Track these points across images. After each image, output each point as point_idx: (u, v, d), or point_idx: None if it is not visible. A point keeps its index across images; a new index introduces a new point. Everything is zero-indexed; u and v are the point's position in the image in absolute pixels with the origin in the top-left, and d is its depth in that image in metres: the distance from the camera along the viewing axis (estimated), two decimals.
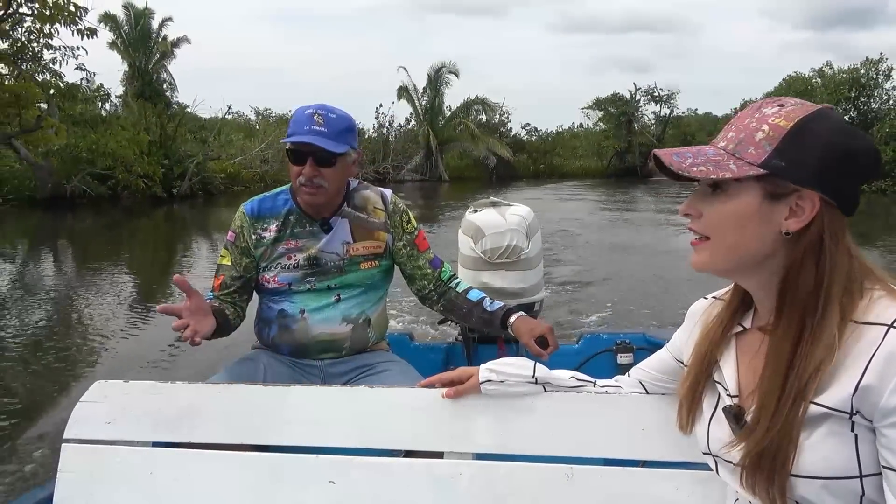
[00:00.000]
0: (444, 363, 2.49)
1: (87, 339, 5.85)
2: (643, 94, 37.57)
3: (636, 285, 7.64)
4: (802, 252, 0.83)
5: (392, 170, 31.22)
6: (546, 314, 5.71)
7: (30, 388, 4.55)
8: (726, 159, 0.84)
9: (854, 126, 0.86)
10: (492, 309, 1.84)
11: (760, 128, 0.84)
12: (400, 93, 32.44)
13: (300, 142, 1.69)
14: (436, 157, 31.74)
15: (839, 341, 0.79)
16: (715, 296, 1.04)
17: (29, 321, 6.49)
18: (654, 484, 1.19)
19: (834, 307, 0.80)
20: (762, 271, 0.87)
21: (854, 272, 0.82)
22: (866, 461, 0.78)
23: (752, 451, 0.84)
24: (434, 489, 1.24)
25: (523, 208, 2.57)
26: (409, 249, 1.90)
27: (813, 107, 0.85)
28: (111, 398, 1.34)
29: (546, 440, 1.23)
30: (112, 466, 1.30)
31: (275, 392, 1.34)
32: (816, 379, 0.79)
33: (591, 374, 1.29)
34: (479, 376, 1.24)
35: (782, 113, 0.84)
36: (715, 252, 0.88)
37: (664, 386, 1.18)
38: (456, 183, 30.06)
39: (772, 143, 0.82)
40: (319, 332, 1.80)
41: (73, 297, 7.61)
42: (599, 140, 38.03)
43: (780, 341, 0.84)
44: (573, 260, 9.50)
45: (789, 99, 0.87)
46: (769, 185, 0.83)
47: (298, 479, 1.27)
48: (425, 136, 31.79)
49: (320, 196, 1.75)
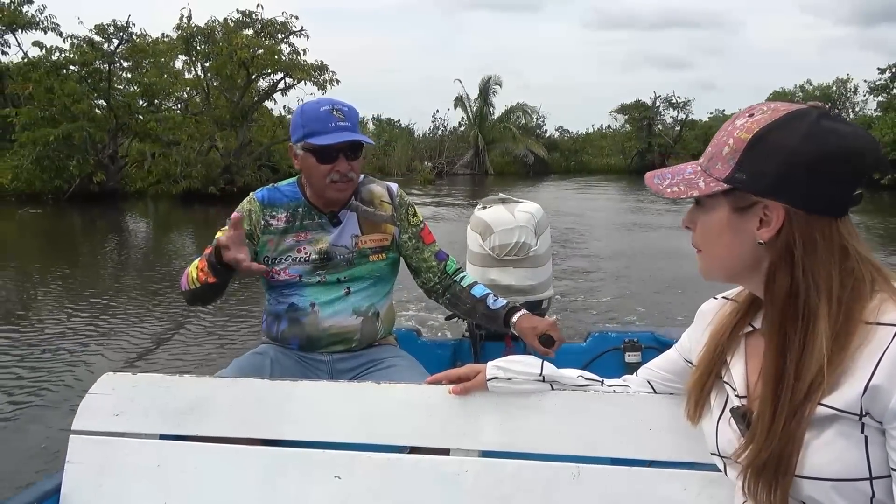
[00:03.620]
0: (451, 359, 2.49)
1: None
2: (662, 101, 42.44)
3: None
4: (775, 259, 0.83)
5: (446, 164, 37.68)
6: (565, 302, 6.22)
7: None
8: (698, 177, 0.88)
9: (844, 123, 0.82)
10: (495, 307, 1.84)
11: (727, 142, 0.85)
12: (456, 102, 39.64)
13: (344, 141, 1.70)
14: (483, 154, 37.89)
15: (848, 342, 0.78)
16: (725, 296, 1.04)
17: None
18: (662, 484, 1.18)
19: (822, 311, 0.80)
20: (756, 277, 0.88)
21: (854, 269, 0.81)
22: (876, 463, 0.77)
23: (754, 460, 0.84)
24: (439, 486, 1.23)
25: (532, 205, 2.56)
26: (415, 242, 1.91)
27: (786, 109, 0.83)
28: (119, 391, 1.35)
29: (553, 439, 1.22)
30: (120, 458, 1.31)
31: (282, 387, 1.34)
32: (822, 381, 0.78)
33: (599, 373, 1.29)
34: (486, 373, 1.23)
35: (747, 124, 0.84)
36: (706, 262, 0.93)
37: (673, 386, 1.17)
38: (499, 176, 35.49)
39: (734, 157, 0.84)
40: (330, 324, 1.81)
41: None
42: (623, 141, 42.44)
43: (768, 348, 0.86)
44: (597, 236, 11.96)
45: (763, 105, 0.86)
46: (735, 198, 0.85)
47: (304, 474, 1.27)
48: (474, 137, 38.34)
49: (349, 190, 1.79)
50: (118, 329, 5.78)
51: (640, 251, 10.30)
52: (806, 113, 0.82)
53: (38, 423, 3.69)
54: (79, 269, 9.39)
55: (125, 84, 19.18)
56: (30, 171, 16.86)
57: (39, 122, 16.44)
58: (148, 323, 5.97)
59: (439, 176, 35.39)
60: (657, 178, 0.93)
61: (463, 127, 41.07)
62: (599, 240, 11.61)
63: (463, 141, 40.09)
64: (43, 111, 16.59)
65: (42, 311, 6.83)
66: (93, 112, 17.39)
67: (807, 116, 0.81)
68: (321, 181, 1.75)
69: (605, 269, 8.66)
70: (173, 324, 5.83)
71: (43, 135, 16.17)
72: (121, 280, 8.72)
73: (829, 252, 0.81)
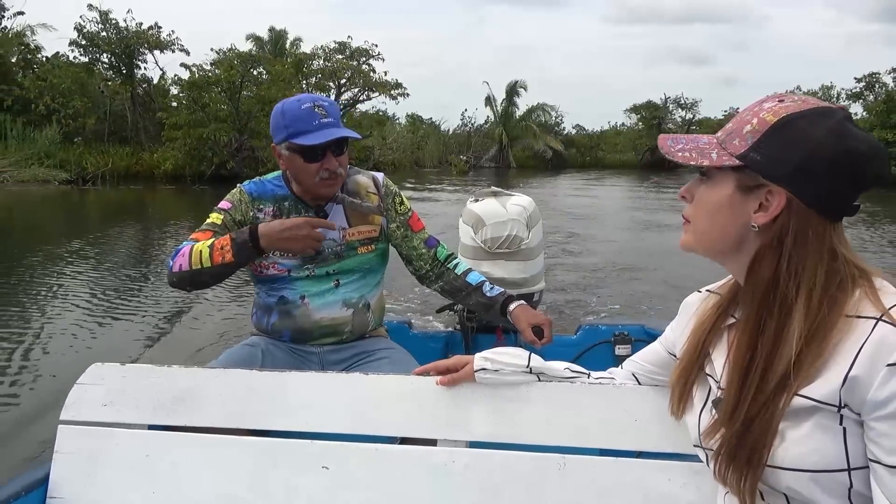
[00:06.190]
0: (443, 351, 2.49)
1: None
2: (672, 102, 45.26)
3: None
4: (763, 246, 0.84)
5: (473, 158, 41.32)
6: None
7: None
8: (712, 148, 0.87)
9: (864, 131, 0.83)
10: (491, 294, 1.86)
11: (751, 121, 0.85)
12: (486, 101, 44.28)
13: (332, 139, 1.68)
14: (506, 150, 41.79)
15: (828, 335, 0.79)
16: (709, 289, 1.04)
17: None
18: (647, 474, 1.19)
19: (800, 303, 0.80)
20: (738, 259, 0.88)
21: (840, 270, 0.82)
22: (854, 454, 0.78)
23: (723, 444, 0.85)
24: (428, 476, 1.24)
25: (525, 199, 2.56)
26: (404, 231, 1.91)
27: (815, 104, 0.83)
28: (108, 381, 1.34)
29: (540, 429, 1.23)
30: (108, 448, 1.31)
31: (271, 378, 1.34)
32: (796, 373, 0.79)
33: (589, 366, 1.30)
34: (473, 365, 1.24)
35: (775, 108, 0.84)
36: (692, 235, 0.92)
37: (657, 378, 1.18)
38: (520, 170, 39.33)
39: (754, 137, 0.83)
40: (321, 316, 1.81)
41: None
42: (635, 138, 44.74)
43: (741, 334, 0.87)
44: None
45: (795, 95, 0.86)
46: (743, 177, 0.85)
47: (294, 465, 1.27)
48: (499, 134, 42.34)
49: (338, 184, 1.77)
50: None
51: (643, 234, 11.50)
52: (834, 112, 0.83)
53: (26, 411, 3.67)
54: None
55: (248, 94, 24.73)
56: (182, 159, 22.53)
57: (190, 123, 22.05)
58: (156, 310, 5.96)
59: (468, 168, 38.96)
60: (671, 141, 0.92)
61: (488, 124, 45.04)
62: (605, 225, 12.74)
63: (488, 137, 43.77)
64: (191, 114, 22.31)
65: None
66: (229, 116, 22.84)
67: (835, 115, 0.82)
68: (310, 180, 1.73)
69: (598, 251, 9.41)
70: (169, 314, 5.82)
71: (197, 133, 21.79)
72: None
73: (818, 250, 0.81)
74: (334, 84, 28.44)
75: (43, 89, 22.61)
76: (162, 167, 22.69)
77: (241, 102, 22.74)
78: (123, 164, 23.29)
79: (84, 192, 19.40)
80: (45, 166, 20.91)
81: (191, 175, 22.41)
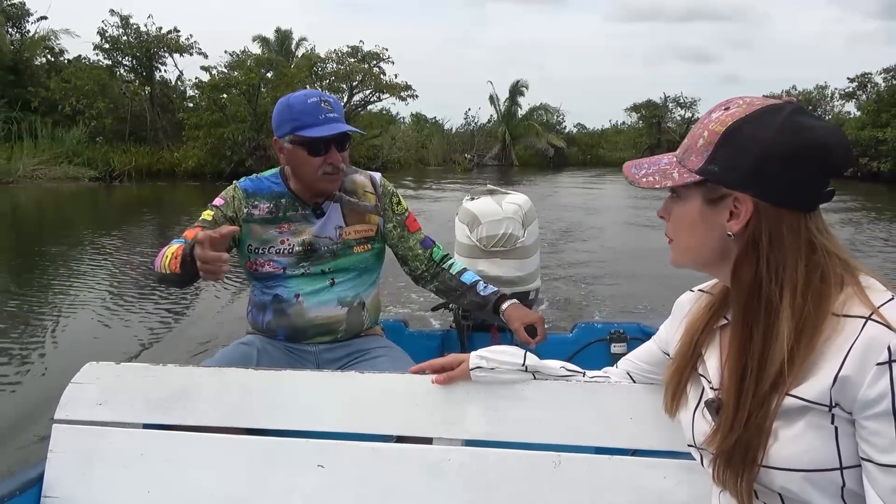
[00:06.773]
0: (438, 350, 2.49)
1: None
2: (671, 101, 46.01)
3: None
4: (742, 252, 0.84)
5: (477, 157, 42.31)
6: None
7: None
8: (673, 168, 0.89)
9: (816, 119, 0.82)
10: (485, 293, 1.86)
11: (702, 134, 0.86)
12: (490, 100, 44.89)
13: (338, 132, 1.69)
14: (509, 148, 42.55)
15: (816, 335, 0.79)
16: (702, 289, 1.05)
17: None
18: (642, 472, 1.20)
19: (785, 304, 0.81)
20: (725, 268, 0.89)
21: (821, 262, 0.82)
22: (846, 453, 0.78)
23: (722, 446, 0.86)
24: (424, 475, 1.24)
25: (520, 197, 2.56)
26: (400, 231, 1.91)
27: (761, 104, 0.83)
28: (102, 380, 1.34)
29: (535, 428, 1.23)
30: (103, 447, 1.30)
31: (267, 376, 1.34)
32: (789, 372, 0.80)
33: (585, 363, 1.30)
34: (469, 363, 1.24)
35: (722, 117, 0.85)
36: (677, 252, 0.94)
37: (652, 377, 1.19)
38: (523, 167, 40.19)
39: (708, 150, 0.85)
40: (315, 315, 1.80)
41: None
42: (635, 137, 45.62)
43: (732, 339, 0.87)
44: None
45: (739, 99, 0.87)
46: (707, 190, 0.86)
47: (289, 463, 1.27)
48: (502, 133, 42.97)
49: (339, 181, 1.78)
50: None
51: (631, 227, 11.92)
52: (780, 108, 0.82)
53: (22, 410, 3.66)
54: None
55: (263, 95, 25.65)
56: (203, 157, 23.85)
57: (210, 123, 23.32)
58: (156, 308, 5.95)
59: (472, 166, 39.85)
60: (634, 168, 0.94)
61: (491, 123, 45.83)
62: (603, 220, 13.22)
63: (491, 136, 44.41)
64: (211, 115, 23.60)
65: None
66: (248, 117, 23.82)
67: (781, 111, 0.82)
68: (312, 174, 1.73)
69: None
70: (168, 311, 5.81)
71: (218, 133, 23.08)
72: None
73: (795, 246, 0.82)
74: (347, 86, 29.76)
75: (67, 91, 23.74)
76: (183, 165, 24.02)
77: (258, 104, 23.60)
78: (146, 162, 24.50)
79: (112, 188, 20.78)
80: (74, 164, 22.13)
81: (211, 173, 23.38)
